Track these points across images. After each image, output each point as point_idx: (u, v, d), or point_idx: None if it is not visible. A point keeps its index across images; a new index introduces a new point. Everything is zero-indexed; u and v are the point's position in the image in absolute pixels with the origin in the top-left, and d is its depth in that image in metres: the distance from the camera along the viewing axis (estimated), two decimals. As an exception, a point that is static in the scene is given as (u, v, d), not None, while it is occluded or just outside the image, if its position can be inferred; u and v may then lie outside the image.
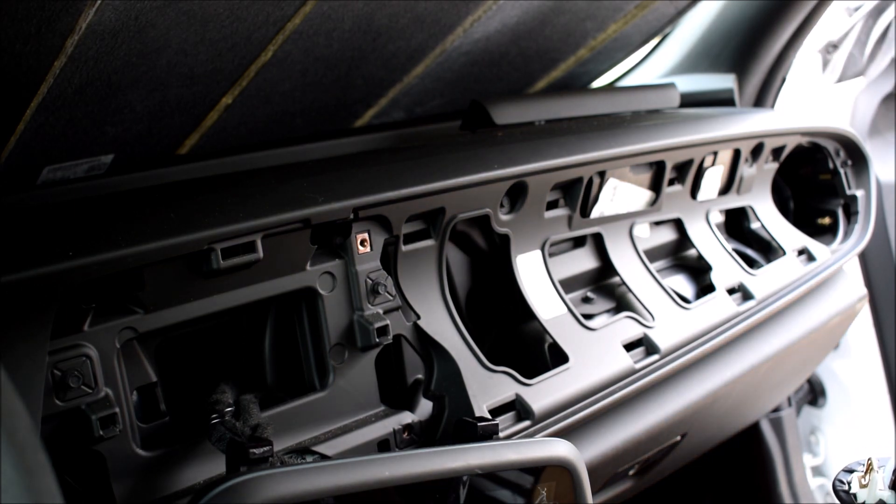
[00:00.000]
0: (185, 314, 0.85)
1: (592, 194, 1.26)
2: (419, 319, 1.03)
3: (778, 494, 1.96)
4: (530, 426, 1.05)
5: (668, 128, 1.40)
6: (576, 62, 1.54)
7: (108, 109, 0.99)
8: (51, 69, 0.87)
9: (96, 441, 0.78)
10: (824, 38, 2.22)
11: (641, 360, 1.21)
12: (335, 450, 0.94)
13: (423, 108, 1.45)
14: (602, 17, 1.41)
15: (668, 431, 1.27)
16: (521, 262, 1.17)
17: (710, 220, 1.49)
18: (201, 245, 0.82)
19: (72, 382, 0.76)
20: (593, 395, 1.13)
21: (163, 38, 0.91)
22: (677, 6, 1.52)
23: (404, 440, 1.00)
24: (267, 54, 1.05)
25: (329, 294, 0.95)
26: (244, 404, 0.87)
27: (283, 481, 0.71)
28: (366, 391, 0.99)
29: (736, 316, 1.38)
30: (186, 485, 0.85)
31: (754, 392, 1.56)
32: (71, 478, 0.79)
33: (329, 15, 1.03)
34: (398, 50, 1.21)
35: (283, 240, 0.90)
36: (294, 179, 0.97)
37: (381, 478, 0.77)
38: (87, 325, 0.79)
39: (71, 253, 0.74)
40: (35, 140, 0.97)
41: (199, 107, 1.10)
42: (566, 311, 1.18)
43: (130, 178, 1.09)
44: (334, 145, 1.28)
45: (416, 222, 1.04)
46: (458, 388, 1.02)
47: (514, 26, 1.30)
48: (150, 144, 1.13)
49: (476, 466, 0.84)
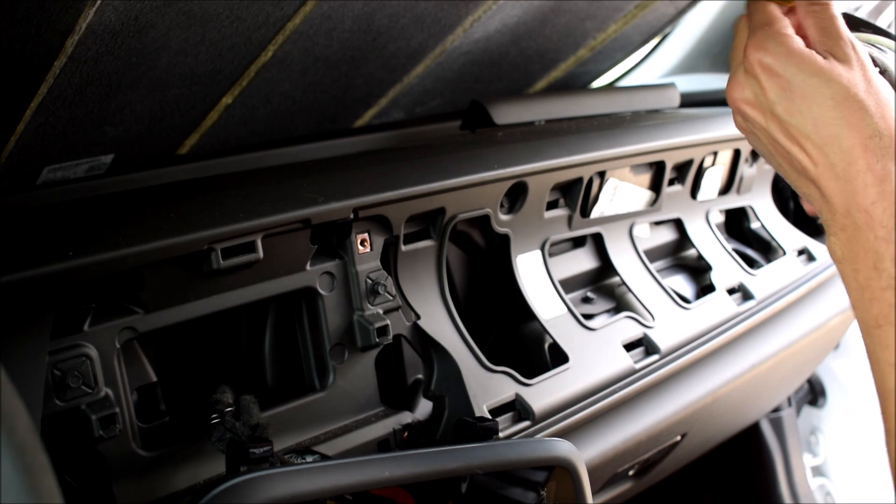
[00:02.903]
0: (185, 314, 0.85)
1: (592, 194, 1.26)
2: (419, 319, 1.03)
3: (778, 494, 1.96)
4: (530, 426, 1.05)
5: (668, 128, 1.40)
6: (576, 62, 1.54)
7: (108, 109, 0.99)
8: (51, 69, 0.86)
9: (96, 441, 0.77)
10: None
11: (641, 360, 1.21)
12: (335, 450, 0.94)
13: (423, 108, 1.45)
14: (602, 17, 1.41)
15: (668, 431, 1.27)
16: (521, 262, 1.17)
17: (710, 220, 1.49)
18: (201, 245, 0.82)
19: (72, 382, 0.76)
20: (593, 395, 1.13)
21: (163, 38, 0.91)
22: (677, 6, 1.52)
23: (404, 440, 1.00)
24: (267, 54, 1.05)
25: (329, 294, 0.95)
26: (244, 404, 0.87)
27: (283, 481, 0.71)
28: (366, 391, 0.99)
29: (736, 316, 1.38)
30: (186, 485, 0.85)
31: (754, 392, 1.56)
32: (71, 478, 0.79)
33: (329, 15, 1.03)
34: (398, 50, 1.21)
35: (283, 240, 0.90)
36: (294, 179, 0.97)
37: (381, 478, 0.77)
38: (87, 325, 0.79)
39: (71, 253, 0.74)
40: (35, 140, 0.97)
41: (199, 107, 1.10)
42: (566, 311, 1.18)
43: (130, 178, 1.08)
44: (334, 145, 1.28)
45: (416, 222, 1.04)
46: (458, 388, 1.02)
47: (514, 26, 1.30)
48: (150, 144, 1.13)
49: (476, 466, 0.84)
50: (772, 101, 0.78)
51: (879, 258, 0.73)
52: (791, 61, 0.76)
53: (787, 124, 0.77)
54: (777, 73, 0.77)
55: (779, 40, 0.77)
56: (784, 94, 0.77)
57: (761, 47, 0.78)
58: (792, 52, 0.77)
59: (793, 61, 0.76)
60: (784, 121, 0.77)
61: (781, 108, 0.77)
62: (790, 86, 0.76)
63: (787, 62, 0.76)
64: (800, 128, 0.76)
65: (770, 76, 0.77)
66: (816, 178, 0.77)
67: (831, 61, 0.76)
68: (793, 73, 0.76)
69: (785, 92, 0.77)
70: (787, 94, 0.77)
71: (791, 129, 0.77)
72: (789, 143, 0.78)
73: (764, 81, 0.78)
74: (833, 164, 0.75)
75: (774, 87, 0.77)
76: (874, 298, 0.73)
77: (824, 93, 0.75)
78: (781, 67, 0.77)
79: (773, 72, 0.77)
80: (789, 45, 0.77)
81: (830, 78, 0.75)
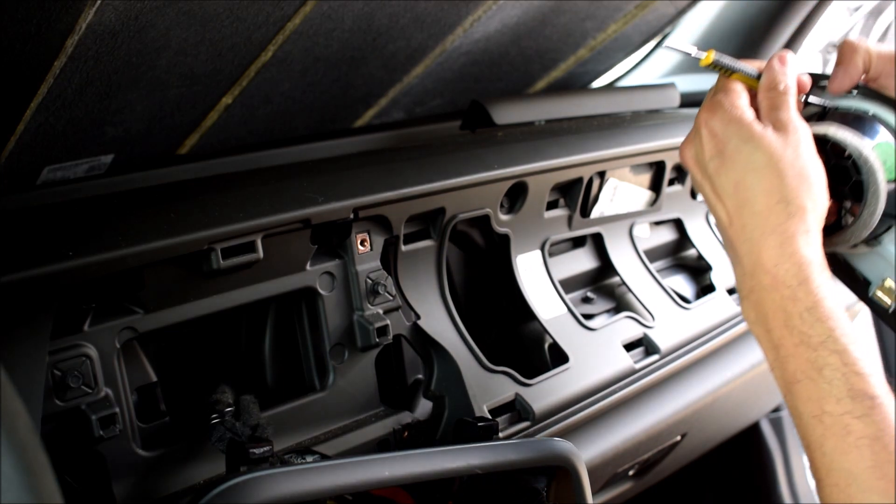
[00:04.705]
0: (185, 314, 0.85)
1: (592, 194, 1.26)
2: (419, 319, 1.03)
3: (778, 494, 1.96)
4: (530, 426, 1.05)
5: (668, 128, 1.40)
6: (576, 62, 1.54)
7: (108, 109, 0.99)
8: (51, 69, 0.86)
9: (96, 441, 0.77)
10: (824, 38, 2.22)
11: (641, 360, 1.21)
12: (335, 450, 0.94)
13: (423, 108, 1.45)
14: (602, 17, 1.41)
15: (668, 431, 1.27)
16: (521, 262, 1.17)
17: (711, 220, 1.49)
18: (201, 245, 0.82)
19: (72, 382, 0.76)
20: (593, 395, 1.13)
21: (163, 38, 0.91)
22: (677, 6, 1.52)
23: (404, 440, 1.00)
24: (267, 54, 1.05)
25: (329, 294, 0.95)
26: (244, 404, 0.87)
27: (283, 481, 0.71)
28: (366, 391, 0.99)
29: (736, 316, 1.38)
30: (186, 485, 0.85)
31: (754, 392, 1.56)
32: (71, 478, 0.79)
33: (329, 15, 1.03)
34: (398, 50, 1.21)
35: (283, 240, 0.90)
36: (294, 179, 0.97)
37: (381, 478, 0.77)
38: (87, 325, 0.79)
39: (71, 253, 0.74)
40: (35, 140, 0.97)
41: (199, 107, 1.10)
42: (566, 311, 1.18)
43: (130, 178, 1.08)
44: (334, 145, 1.28)
45: (416, 222, 1.04)
46: (458, 388, 1.02)
47: (514, 26, 1.30)
48: (150, 144, 1.13)
49: (476, 466, 0.84)
50: (707, 160, 0.83)
51: (788, 316, 0.76)
52: (731, 126, 0.82)
53: (715, 183, 0.83)
54: (717, 135, 0.83)
55: (726, 107, 0.83)
56: (718, 154, 0.82)
57: (711, 111, 0.84)
58: (733, 119, 0.82)
59: (732, 126, 0.82)
60: (713, 179, 0.83)
61: (713, 167, 0.83)
62: (724, 148, 0.82)
63: (727, 126, 0.82)
64: (723, 187, 0.82)
65: (711, 137, 0.83)
66: (732, 239, 0.82)
67: (767, 130, 0.81)
68: (729, 136, 0.82)
69: (719, 153, 0.82)
70: (721, 155, 0.82)
71: (717, 188, 0.83)
72: (715, 200, 0.83)
73: (705, 142, 0.84)
74: (745, 225, 0.80)
75: (712, 147, 0.83)
76: (789, 356, 0.76)
77: (751, 158, 0.80)
78: (722, 130, 0.82)
79: (714, 133, 0.83)
80: (733, 112, 0.82)
81: (760, 145, 0.80)
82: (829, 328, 0.75)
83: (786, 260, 0.77)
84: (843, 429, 0.72)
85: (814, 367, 0.74)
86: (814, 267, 0.77)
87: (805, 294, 0.76)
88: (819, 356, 0.74)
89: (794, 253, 0.77)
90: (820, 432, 0.73)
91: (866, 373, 0.73)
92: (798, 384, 0.75)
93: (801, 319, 0.75)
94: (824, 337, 0.74)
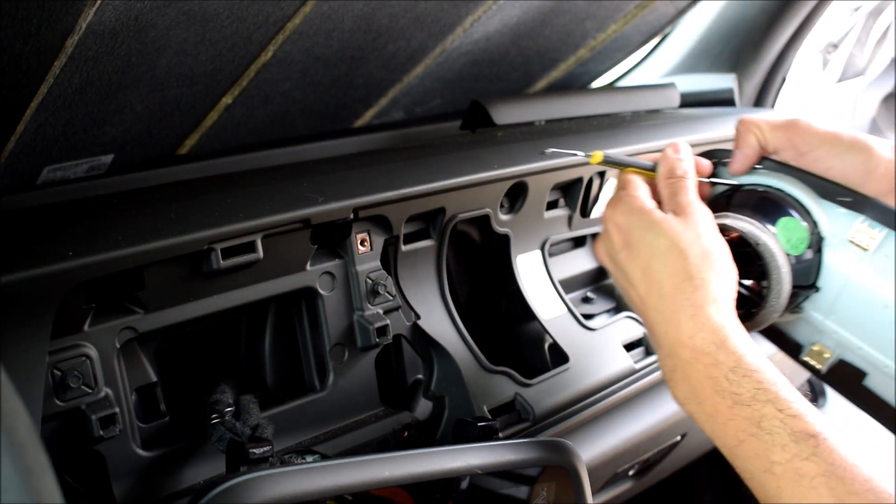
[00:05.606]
0: (185, 314, 0.85)
1: (592, 194, 1.26)
2: (419, 319, 1.03)
3: (778, 494, 1.96)
4: (530, 426, 1.05)
5: (668, 128, 1.40)
6: (576, 62, 1.54)
7: (108, 109, 0.99)
8: (51, 69, 0.87)
9: (96, 441, 0.77)
10: (824, 38, 2.22)
11: (641, 360, 1.21)
12: (335, 450, 0.94)
13: (423, 108, 1.45)
14: (602, 17, 1.41)
15: (667, 431, 1.27)
16: (520, 262, 1.17)
17: (710, 220, 1.49)
18: (201, 245, 0.82)
19: (72, 382, 0.76)
20: (593, 395, 1.13)
21: (163, 38, 0.91)
22: (677, 6, 1.52)
23: (404, 440, 1.00)
24: (267, 54, 1.05)
25: (329, 294, 0.95)
26: (244, 404, 0.87)
27: (283, 481, 0.71)
28: (366, 391, 0.99)
29: (736, 316, 1.38)
30: (186, 485, 0.85)
31: (754, 392, 1.56)
32: (71, 478, 0.79)
33: (329, 15, 1.03)
34: (398, 50, 1.21)
35: (283, 240, 0.90)
36: (294, 179, 0.97)
37: (381, 478, 0.77)
38: (87, 325, 0.79)
39: (71, 253, 0.74)
40: (35, 140, 0.97)
41: (199, 107, 1.10)
42: (566, 311, 1.18)
43: (130, 178, 1.08)
44: (334, 145, 1.28)
45: (415, 222, 1.04)
46: (458, 388, 1.02)
47: (514, 26, 1.30)
48: (150, 144, 1.13)
49: (476, 466, 0.84)
50: (616, 252, 0.86)
51: (715, 382, 0.77)
52: (633, 217, 0.85)
53: (626, 272, 0.85)
54: (621, 228, 0.86)
55: (626, 200, 0.87)
56: (625, 246, 0.85)
57: (613, 206, 0.87)
58: (633, 209, 0.85)
59: (634, 216, 0.85)
60: (623, 269, 0.85)
61: (622, 258, 0.85)
62: (630, 238, 0.85)
63: (629, 217, 0.85)
64: (633, 275, 0.84)
65: (617, 230, 0.86)
66: (649, 323, 0.84)
67: (668, 216, 0.84)
68: (633, 226, 0.84)
69: (626, 244, 0.85)
70: (627, 246, 0.85)
71: (629, 277, 0.85)
72: (629, 287, 0.86)
73: (613, 235, 0.87)
74: (656, 307, 0.82)
75: (619, 240, 0.86)
76: (727, 420, 0.76)
77: (654, 244, 0.82)
78: (625, 222, 0.85)
79: (619, 226, 0.86)
80: (633, 204, 0.86)
81: (661, 231, 0.82)
82: (756, 381, 0.75)
83: (700, 329, 0.78)
84: (795, 473, 0.72)
85: (752, 423, 0.74)
86: (728, 329, 0.78)
87: (726, 356, 0.77)
88: (754, 410, 0.74)
89: (706, 321, 0.78)
90: (775, 484, 0.73)
91: (801, 412, 0.73)
92: (742, 445, 0.75)
93: (729, 381, 0.76)
94: (754, 391, 0.75)
